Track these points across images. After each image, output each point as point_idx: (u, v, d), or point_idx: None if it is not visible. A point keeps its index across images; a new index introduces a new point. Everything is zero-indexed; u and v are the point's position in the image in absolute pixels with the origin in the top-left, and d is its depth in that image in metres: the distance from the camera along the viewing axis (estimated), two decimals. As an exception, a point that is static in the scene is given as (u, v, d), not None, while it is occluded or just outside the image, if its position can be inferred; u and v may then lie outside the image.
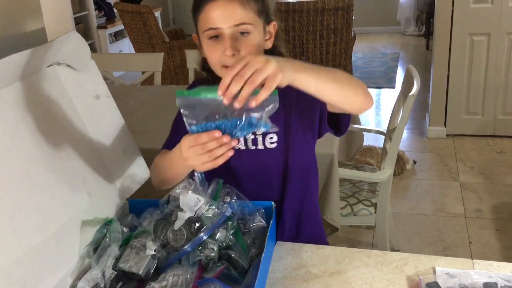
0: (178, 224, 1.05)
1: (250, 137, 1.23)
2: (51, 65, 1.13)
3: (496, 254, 2.46)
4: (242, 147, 1.24)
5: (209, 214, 1.09)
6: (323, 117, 1.20)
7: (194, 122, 0.94)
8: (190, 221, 1.05)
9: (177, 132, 1.27)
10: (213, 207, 1.08)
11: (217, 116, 0.92)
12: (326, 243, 1.43)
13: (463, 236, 2.62)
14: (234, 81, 0.87)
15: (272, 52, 1.20)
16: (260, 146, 1.24)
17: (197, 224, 1.05)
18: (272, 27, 1.19)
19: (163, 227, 1.07)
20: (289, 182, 1.28)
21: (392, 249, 2.50)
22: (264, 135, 1.23)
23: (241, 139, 1.24)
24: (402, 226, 2.75)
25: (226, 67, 1.11)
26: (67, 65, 1.16)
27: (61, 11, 1.36)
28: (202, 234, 1.03)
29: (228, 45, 1.08)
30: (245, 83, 0.86)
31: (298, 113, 1.22)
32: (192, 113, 0.93)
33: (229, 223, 1.08)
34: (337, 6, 3.88)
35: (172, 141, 1.26)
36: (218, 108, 0.91)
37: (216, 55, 1.11)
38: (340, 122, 1.21)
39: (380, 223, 2.15)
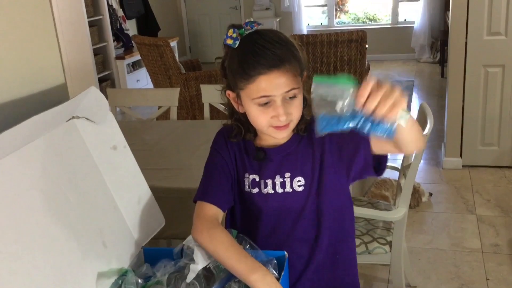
0: (190, 277, 1.07)
1: (279, 180, 1.26)
2: (70, 119, 1.17)
3: (515, 292, 2.42)
4: (271, 191, 1.26)
5: (222, 266, 1.10)
6: (368, 161, 1.20)
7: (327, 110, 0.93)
8: (203, 274, 1.07)
9: (212, 177, 1.28)
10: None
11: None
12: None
13: (480, 272, 2.58)
14: (377, 103, 0.90)
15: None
16: (288, 189, 1.26)
17: (210, 277, 1.07)
18: (305, 76, 1.23)
19: (176, 280, 1.08)
20: (322, 223, 1.29)
21: (408, 286, 2.47)
22: (292, 178, 1.25)
23: (269, 185, 1.26)
24: (418, 261, 2.73)
25: (276, 126, 1.17)
26: (86, 118, 1.20)
27: (80, 51, 1.41)
28: (214, 287, 1.05)
29: (282, 112, 1.14)
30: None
31: (335, 155, 1.24)
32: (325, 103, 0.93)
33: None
34: (350, 38, 3.92)
35: (207, 190, 1.25)
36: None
37: (266, 118, 1.16)
38: (381, 163, 1.22)
39: (395, 262, 2.14)
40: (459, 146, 3.72)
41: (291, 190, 1.26)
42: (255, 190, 1.28)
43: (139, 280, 1.13)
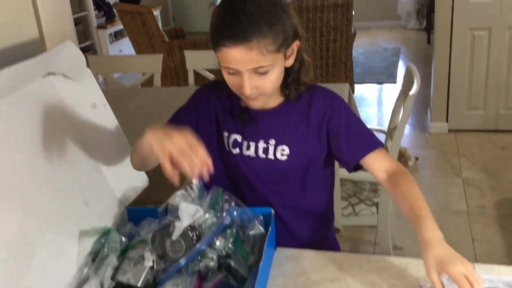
0: (176, 235, 1.04)
1: (262, 145, 1.22)
2: (46, 75, 1.12)
3: (500, 251, 2.45)
4: (252, 154, 1.23)
5: (208, 223, 1.08)
6: (348, 166, 1.22)
7: None
8: (188, 231, 1.05)
9: (174, 119, 1.26)
10: (212, 216, 1.08)
11: None
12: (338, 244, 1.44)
13: (466, 234, 2.61)
14: None
15: (292, 66, 1.17)
16: (270, 156, 1.22)
17: (196, 234, 1.05)
18: (295, 45, 1.14)
19: (161, 238, 1.06)
20: (306, 193, 1.27)
21: (395, 247, 2.49)
22: (276, 145, 1.21)
23: (252, 147, 1.23)
24: (405, 223, 2.71)
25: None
26: (63, 75, 1.16)
27: (61, 20, 1.35)
28: (200, 244, 1.03)
29: (247, 86, 1.09)
30: None
31: (325, 138, 1.22)
32: None
33: (228, 231, 1.08)
34: (336, 3, 3.86)
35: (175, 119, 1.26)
36: None
37: (234, 87, 1.12)
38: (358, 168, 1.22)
39: (382, 223, 2.14)
40: (445, 111, 3.72)
41: (273, 158, 1.22)
42: (236, 151, 1.24)
43: (123, 239, 1.10)
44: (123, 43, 6.33)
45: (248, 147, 1.23)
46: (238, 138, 1.24)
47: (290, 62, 1.16)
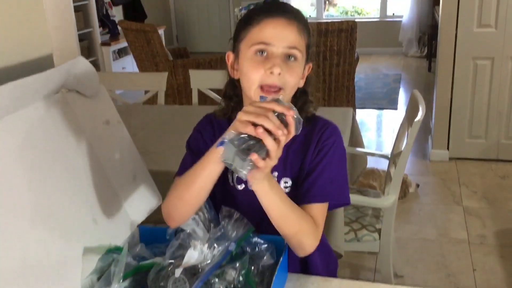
0: (178, 272, 1.01)
1: None
2: (59, 91, 1.12)
3: (501, 282, 2.43)
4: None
5: (214, 252, 1.05)
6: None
7: None
8: (191, 270, 1.02)
9: (190, 155, 1.20)
10: (216, 245, 1.04)
11: None
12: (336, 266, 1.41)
13: (467, 263, 2.59)
14: None
15: (301, 93, 1.18)
16: None
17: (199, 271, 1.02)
18: (308, 68, 1.17)
19: (162, 279, 1.03)
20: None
21: (395, 275, 2.47)
22: (279, 178, 1.18)
23: None
24: (405, 251, 2.73)
25: (262, 89, 1.07)
26: (76, 92, 1.16)
27: (67, 37, 1.35)
28: (204, 274, 1.00)
29: (278, 63, 1.05)
30: None
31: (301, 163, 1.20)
32: None
33: (238, 263, 1.04)
34: (341, 28, 3.89)
35: (184, 166, 1.16)
36: None
37: (259, 72, 1.06)
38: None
39: (384, 250, 2.13)
40: (446, 139, 3.73)
41: None
42: (241, 187, 1.20)
43: (132, 261, 1.08)
44: (126, 60, 6.36)
45: None
46: None
47: (301, 83, 1.16)
